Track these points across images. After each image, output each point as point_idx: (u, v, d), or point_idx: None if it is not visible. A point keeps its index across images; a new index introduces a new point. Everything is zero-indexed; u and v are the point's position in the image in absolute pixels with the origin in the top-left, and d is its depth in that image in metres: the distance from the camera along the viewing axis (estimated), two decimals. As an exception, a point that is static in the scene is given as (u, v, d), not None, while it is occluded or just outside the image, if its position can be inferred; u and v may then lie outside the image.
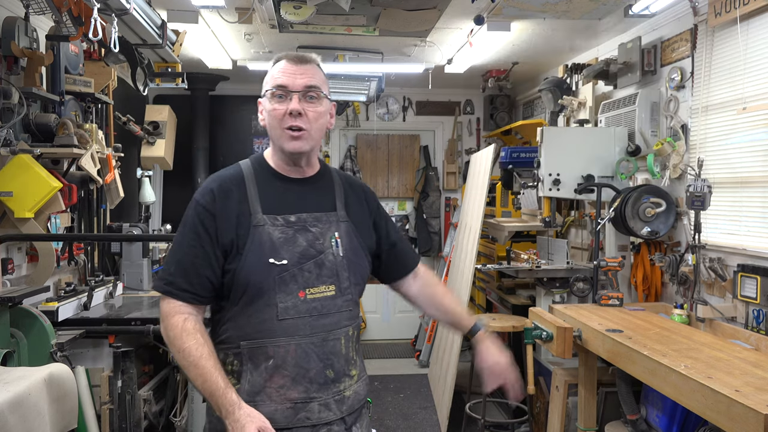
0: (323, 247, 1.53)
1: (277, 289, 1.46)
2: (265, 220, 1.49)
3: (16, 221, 2.92)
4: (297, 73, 1.52)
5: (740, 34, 2.87)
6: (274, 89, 1.52)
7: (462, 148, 6.56)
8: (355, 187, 1.71)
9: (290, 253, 1.48)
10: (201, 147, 5.91)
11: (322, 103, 1.54)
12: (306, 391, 1.47)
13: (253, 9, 3.42)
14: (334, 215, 1.59)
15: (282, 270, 1.46)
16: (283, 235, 1.49)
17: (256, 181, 1.55)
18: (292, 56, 1.55)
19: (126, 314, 3.07)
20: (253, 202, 1.51)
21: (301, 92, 1.51)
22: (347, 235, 1.58)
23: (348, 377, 1.55)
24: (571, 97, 4.27)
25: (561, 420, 3.20)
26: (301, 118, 1.50)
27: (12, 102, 2.82)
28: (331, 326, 1.51)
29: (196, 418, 2.92)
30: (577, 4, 3.33)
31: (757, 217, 2.83)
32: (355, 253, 1.59)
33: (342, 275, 1.54)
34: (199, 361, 1.41)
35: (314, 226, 1.54)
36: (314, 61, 1.57)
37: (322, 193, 1.62)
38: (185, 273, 1.47)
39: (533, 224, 4.54)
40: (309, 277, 1.49)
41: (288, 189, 1.57)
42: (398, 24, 3.82)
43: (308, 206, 1.56)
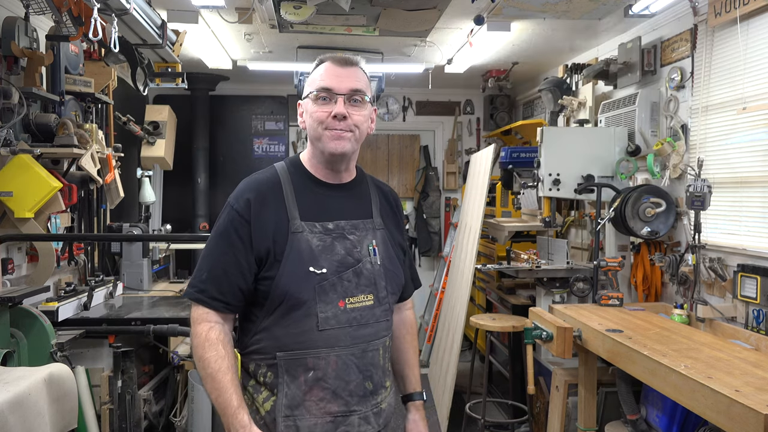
0: (361, 256, 1.49)
1: (318, 298, 1.42)
2: (303, 227, 1.45)
3: (16, 221, 2.92)
4: (342, 76, 1.48)
5: (740, 34, 2.87)
6: (319, 92, 1.47)
7: (462, 148, 6.56)
8: (386, 193, 1.67)
9: (329, 262, 1.44)
10: (201, 147, 5.91)
11: (365, 107, 1.51)
12: (346, 404, 1.43)
13: (253, 9, 3.42)
14: (371, 223, 1.55)
15: (322, 279, 1.42)
16: (322, 243, 1.45)
17: (293, 186, 1.51)
18: (338, 58, 1.52)
19: (126, 314, 3.07)
20: (290, 207, 1.47)
21: (346, 95, 1.47)
22: (384, 243, 1.55)
23: (384, 389, 1.52)
24: (571, 97, 4.27)
25: (561, 420, 3.20)
26: (345, 122, 1.46)
27: (12, 102, 2.82)
28: (371, 337, 1.48)
29: (196, 418, 2.92)
30: (577, 4, 3.33)
31: (757, 217, 2.83)
32: (392, 262, 1.56)
33: (380, 284, 1.51)
34: (216, 375, 1.39)
35: (352, 234, 1.50)
36: (359, 64, 1.54)
37: (359, 200, 1.58)
38: (217, 281, 1.44)
39: (533, 224, 4.54)
40: (348, 287, 1.45)
41: (326, 194, 1.53)
42: (398, 24, 3.82)
43: (346, 213, 1.52)
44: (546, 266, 3.88)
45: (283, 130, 6.45)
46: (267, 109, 6.44)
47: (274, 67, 5.02)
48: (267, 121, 6.44)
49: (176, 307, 3.31)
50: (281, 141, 6.45)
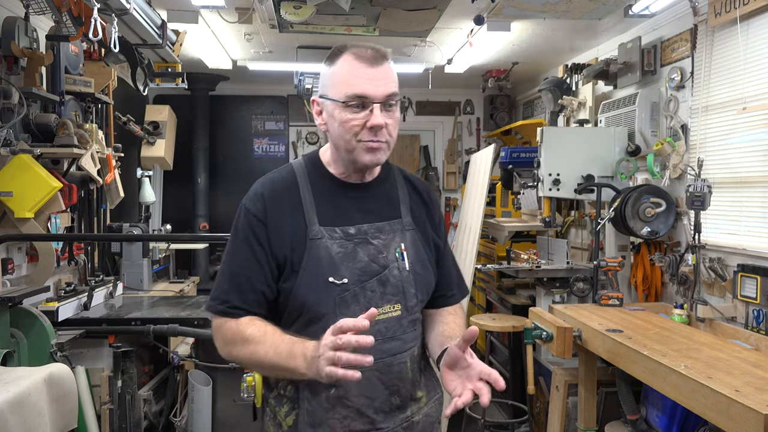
0: (387, 261, 1.35)
1: (338, 311, 1.28)
2: (322, 233, 1.32)
3: (16, 221, 2.92)
4: (377, 79, 1.28)
5: (740, 34, 2.87)
6: (351, 98, 1.28)
7: (462, 148, 6.56)
8: (418, 186, 1.50)
9: (350, 271, 1.31)
10: (201, 147, 5.92)
11: (398, 109, 1.35)
12: (372, 422, 1.32)
13: (253, 9, 3.42)
14: (399, 223, 1.40)
15: (342, 290, 1.29)
16: (343, 250, 1.32)
17: (310, 187, 1.37)
18: (366, 54, 1.29)
19: (126, 314, 3.07)
20: (308, 211, 1.34)
21: (383, 102, 1.29)
22: (414, 245, 1.40)
23: (414, 401, 1.39)
24: (571, 97, 4.27)
25: (561, 420, 3.20)
26: (382, 132, 1.30)
27: (12, 102, 2.82)
28: (397, 350, 1.34)
29: (196, 418, 2.92)
30: (577, 4, 3.33)
31: (757, 217, 2.83)
32: (423, 266, 1.41)
33: (409, 292, 1.36)
34: (266, 335, 1.26)
35: (376, 238, 1.36)
36: (388, 58, 1.33)
37: (385, 199, 1.43)
38: (239, 289, 1.32)
39: (533, 224, 4.54)
40: (372, 297, 1.32)
41: (347, 196, 1.39)
42: (398, 24, 3.82)
43: (370, 215, 1.38)
44: (546, 266, 3.88)
45: (283, 130, 6.45)
46: (267, 109, 6.44)
47: (274, 67, 5.02)
48: (267, 121, 6.44)
49: (176, 307, 3.31)
50: (281, 141, 6.45)
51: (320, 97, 1.36)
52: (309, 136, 6.46)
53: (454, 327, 1.43)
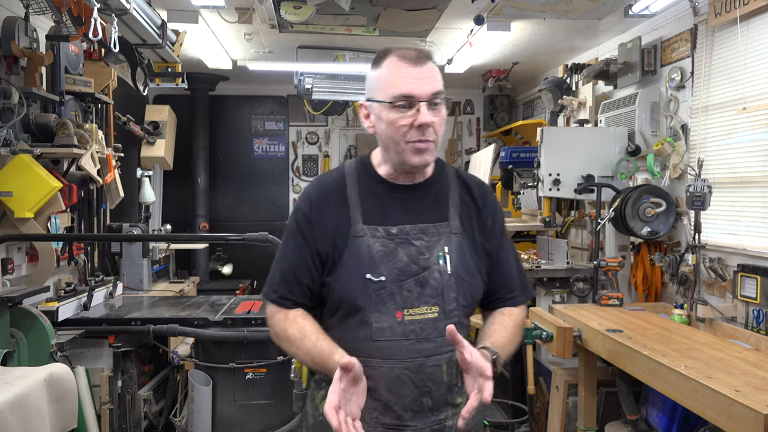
0: (428, 263, 1.36)
1: (373, 307, 1.33)
2: (365, 231, 1.37)
3: (16, 221, 2.92)
4: (421, 78, 1.32)
5: (740, 34, 2.87)
6: (397, 99, 1.31)
7: (462, 148, 6.56)
8: (473, 190, 1.48)
9: (389, 269, 1.34)
10: (201, 147, 5.92)
11: (444, 107, 1.36)
12: (399, 418, 1.34)
13: (253, 9, 3.42)
14: (445, 226, 1.41)
15: (379, 287, 1.33)
16: (384, 249, 1.36)
17: (358, 187, 1.42)
18: (410, 55, 1.33)
19: (126, 314, 3.07)
20: (353, 210, 1.39)
21: (429, 101, 1.32)
22: (459, 249, 1.40)
23: (451, 406, 1.39)
24: (571, 97, 4.27)
25: (561, 420, 3.20)
26: (429, 131, 1.32)
27: (12, 102, 2.82)
28: (431, 351, 1.35)
29: (196, 418, 2.92)
30: (577, 4, 3.33)
31: (757, 217, 2.83)
32: (468, 271, 1.40)
33: (448, 296, 1.36)
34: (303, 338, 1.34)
35: (419, 239, 1.37)
36: (432, 57, 1.37)
37: (434, 201, 1.43)
38: (287, 282, 1.41)
39: (533, 224, 4.53)
40: (409, 297, 1.34)
41: (393, 197, 1.41)
42: (398, 24, 3.82)
43: (415, 216, 1.40)
44: (546, 266, 3.88)
45: (283, 130, 6.45)
46: (267, 109, 6.44)
47: (274, 67, 5.02)
48: (267, 121, 6.44)
49: (176, 307, 3.31)
50: (281, 141, 6.45)
51: (367, 101, 1.40)
52: (309, 136, 6.45)
53: (496, 327, 1.43)
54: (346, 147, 6.50)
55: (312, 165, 6.46)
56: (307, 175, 6.45)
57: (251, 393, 2.91)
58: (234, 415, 2.92)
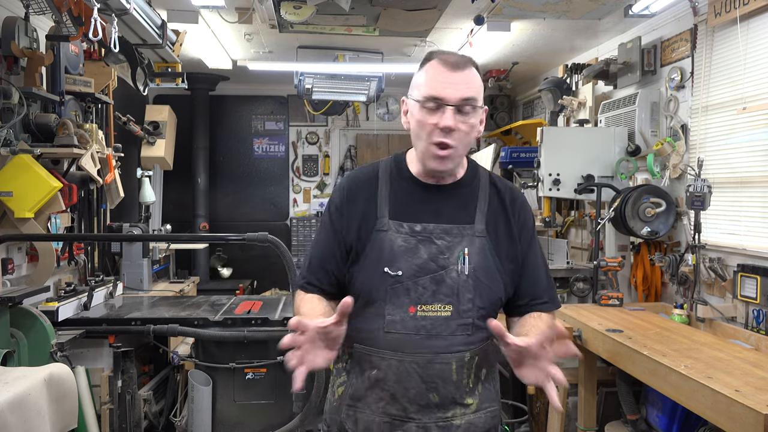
0: (447, 263, 1.39)
1: (388, 300, 1.38)
2: (389, 226, 1.41)
3: (16, 221, 2.92)
4: (454, 83, 1.35)
5: (740, 34, 2.87)
6: (427, 98, 1.36)
7: (462, 148, 6.55)
8: (503, 195, 1.49)
9: (408, 264, 1.38)
10: (201, 147, 5.92)
11: (476, 114, 1.38)
12: (404, 410, 1.39)
13: (253, 9, 3.42)
14: (470, 229, 1.42)
15: (395, 281, 1.38)
16: (405, 244, 1.40)
17: (389, 183, 1.46)
18: (449, 60, 1.37)
19: (126, 314, 3.07)
20: (381, 204, 1.44)
21: (456, 105, 1.35)
22: (481, 252, 1.41)
23: (460, 405, 1.41)
24: (571, 97, 4.27)
25: (561, 420, 3.20)
26: (452, 135, 1.35)
27: (12, 102, 2.82)
28: (441, 349, 1.38)
29: (196, 418, 2.92)
30: (577, 4, 3.33)
31: (757, 217, 2.83)
32: (488, 274, 1.41)
33: (464, 296, 1.38)
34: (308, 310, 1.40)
35: (441, 239, 1.40)
36: (471, 65, 1.40)
37: (462, 203, 1.45)
38: (314, 269, 1.48)
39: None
40: (423, 293, 1.38)
41: (422, 195, 1.45)
42: (398, 24, 3.82)
43: (440, 216, 1.42)
44: (546, 266, 3.88)
45: (283, 130, 6.45)
46: (267, 109, 6.44)
47: (274, 67, 5.02)
48: (267, 121, 6.44)
49: (176, 307, 3.31)
50: (281, 141, 6.45)
51: (407, 98, 1.46)
52: (309, 136, 6.45)
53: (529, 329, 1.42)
54: (346, 147, 6.50)
55: (312, 165, 6.46)
56: (307, 175, 6.45)
57: (251, 393, 2.91)
58: (234, 415, 2.93)
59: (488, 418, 1.45)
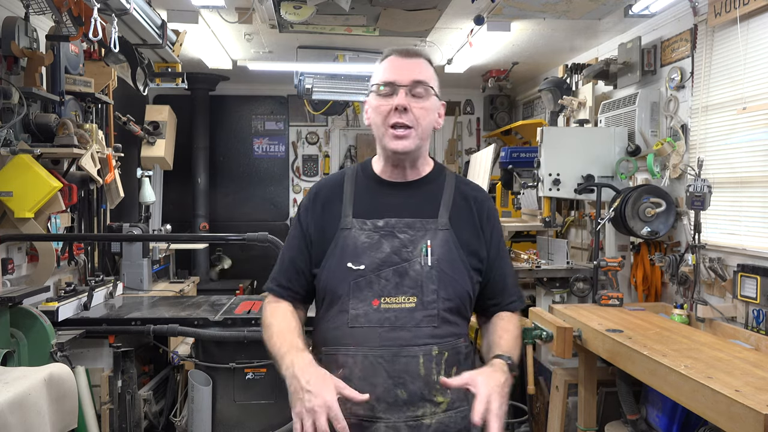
0: (410, 256, 1.41)
1: (351, 294, 1.39)
2: (353, 224, 1.44)
3: (16, 221, 2.92)
4: (405, 67, 1.44)
5: (740, 34, 2.87)
6: (380, 84, 1.43)
7: (462, 148, 6.56)
8: (468, 196, 1.53)
9: (370, 259, 1.40)
10: (201, 147, 5.92)
11: (430, 100, 1.44)
12: (372, 409, 1.35)
13: (253, 9, 3.42)
14: (433, 222, 1.45)
15: (358, 275, 1.40)
16: (369, 240, 1.42)
17: (354, 184, 1.51)
18: (401, 50, 1.47)
19: (126, 314, 3.07)
20: (346, 205, 1.48)
21: (408, 87, 1.41)
22: (445, 245, 1.43)
23: (430, 403, 1.38)
24: (571, 97, 4.27)
25: (561, 420, 3.20)
26: (407, 115, 1.40)
27: (12, 102, 2.82)
28: (406, 341, 1.37)
29: (196, 418, 2.92)
30: (577, 4, 3.33)
31: (757, 217, 2.83)
32: (452, 266, 1.42)
33: (427, 287, 1.39)
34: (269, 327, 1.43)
35: (403, 233, 1.43)
36: (423, 55, 1.48)
37: (425, 199, 1.49)
38: (285, 271, 1.51)
39: (533, 224, 4.53)
40: (386, 286, 1.39)
41: (385, 192, 1.49)
42: (398, 24, 3.82)
43: (404, 211, 1.45)
44: (546, 266, 3.88)
45: (283, 130, 6.45)
46: (267, 109, 6.44)
47: (274, 67, 5.02)
48: (267, 121, 6.44)
49: (176, 307, 3.30)
50: (281, 141, 6.45)
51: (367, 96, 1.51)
52: (309, 136, 6.45)
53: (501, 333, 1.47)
54: (346, 147, 6.50)
55: (312, 165, 6.46)
56: (307, 175, 6.45)
57: (251, 393, 2.91)
58: (234, 415, 2.92)
59: (459, 418, 1.41)
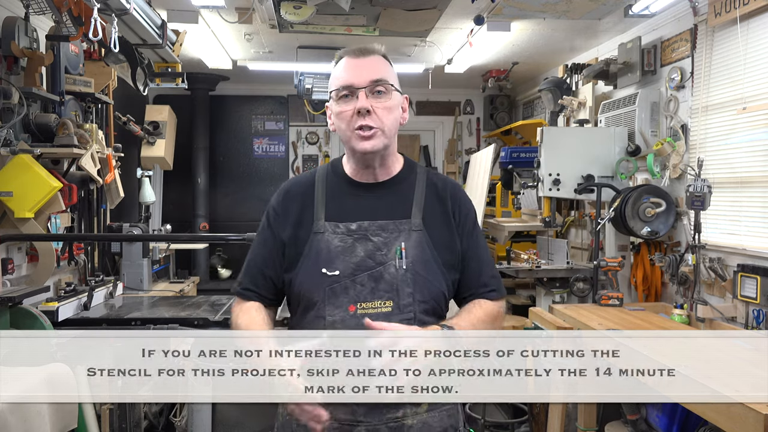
0: (385, 259, 1.38)
1: (327, 301, 1.37)
2: (325, 228, 1.41)
3: (16, 221, 2.92)
4: (360, 67, 1.40)
5: (740, 34, 2.87)
6: (339, 89, 1.40)
7: (462, 148, 6.56)
8: (440, 189, 1.50)
9: (345, 264, 1.38)
10: (201, 147, 5.92)
11: (391, 97, 1.41)
12: (353, 413, 1.34)
13: (253, 9, 3.42)
14: (406, 223, 1.42)
15: (333, 281, 1.37)
16: (342, 244, 1.39)
17: (325, 186, 1.47)
18: (354, 50, 1.43)
19: (126, 314, 3.07)
20: (317, 208, 1.44)
21: (367, 87, 1.38)
22: (418, 246, 1.41)
23: (410, 405, 1.36)
24: (571, 97, 4.27)
25: (561, 420, 3.20)
26: (371, 116, 1.38)
27: (12, 102, 2.82)
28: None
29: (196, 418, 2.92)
30: (577, 4, 3.33)
31: (757, 217, 2.83)
32: (426, 267, 1.40)
33: (403, 291, 1.37)
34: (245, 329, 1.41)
35: (377, 236, 1.40)
36: (378, 52, 1.45)
37: (397, 199, 1.46)
38: (251, 274, 1.48)
39: (533, 224, 4.53)
40: (362, 291, 1.37)
41: (357, 194, 1.46)
42: (398, 24, 3.82)
43: (375, 213, 1.43)
44: (546, 266, 3.88)
45: (283, 130, 6.45)
46: (267, 109, 6.44)
47: (274, 67, 5.02)
48: (267, 121, 6.44)
49: (176, 307, 3.30)
50: (281, 141, 6.45)
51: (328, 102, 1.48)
52: (309, 136, 6.45)
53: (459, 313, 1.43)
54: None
55: (312, 165, 6.46)
56: (307, 175, 6.45)
57: (251, 393, 2.91)
58: (234, 415, 2.92)
59: (444, 417, 1.40)
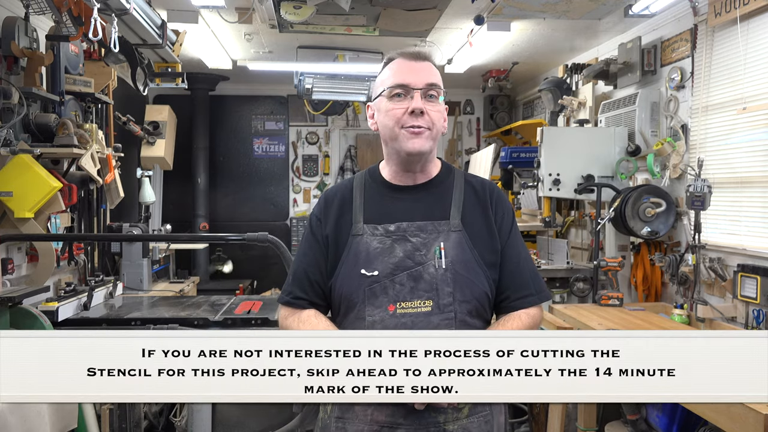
0: (424, 259, 1.39)
1: (367, 301, 1.38)
2: (364, 230, 1.43)
3: (16, 221, 2.92)
4: (417, 70, 1.43)
5: (740, 34, 2.87)
6: (393, 88, 1.41)
7: (462, 148, 6.56)
8: (479, 191, 1.50)
9: (384, 264, 1.39)
10: (201, 147, 5.92)
11: (441, 103, 1.44)
12: (392, 415, 1.34)
13: (253, 9, 3.42)
14: (445, 224, 1.43)
15: (372, 281, 1.38)
16: (381, 245, 1.41)
17: (363, 191, 1.50)
18: (409, 53, 1.46)
19: (126, 314, 3.07)
20: (356, 211, 1.46)
21: (422, 89, 1.41)
22: (458, 246, 1.41)
23: (452, 409, 1.35)
24: (571, 97, 4.27)
25: (561, 420, 3.20)
26: (423, 118, 1.40)
27: (12, 102, 2.82)
28: None
29: (196, 418, 2.92)
30: (577, 4, 3.33)
31: (757, 217, 2.83)
32: (467, 267, 1.40)
33: (443, 290, 1.37)
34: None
35: (415, 236, 1.41)
36: (432, 58, 1.49)
37: (435, 201, 1.47)
38: (299, 282, 1.48)
39: (533, 224, 4.53)
40: (401, 290, 1.37)
41: (395, 197, 1.48)
42: (398, 24, 3.82)
43: (414, 215, 1.44)
44: (546, 266, 3.88)
45: (283, 130, 6.45)
46: (267, 109, 6.44)
47: (274, 67, 5.02)
48: (267, 121, 6.44)
49: (176, 307, 3.30)
50: (281, 141, 6.45)
51: (372, 101, 1.51)
52: (309, 136, 6.45)
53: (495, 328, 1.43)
54: (346, 147, 6.50)
55: (312, 165, 6.46)
56: (307, 175, 6.45)
57: (251, 393, 2.91)
58: (234, 415, 2.92)
59: (482, 423, 1.40)
